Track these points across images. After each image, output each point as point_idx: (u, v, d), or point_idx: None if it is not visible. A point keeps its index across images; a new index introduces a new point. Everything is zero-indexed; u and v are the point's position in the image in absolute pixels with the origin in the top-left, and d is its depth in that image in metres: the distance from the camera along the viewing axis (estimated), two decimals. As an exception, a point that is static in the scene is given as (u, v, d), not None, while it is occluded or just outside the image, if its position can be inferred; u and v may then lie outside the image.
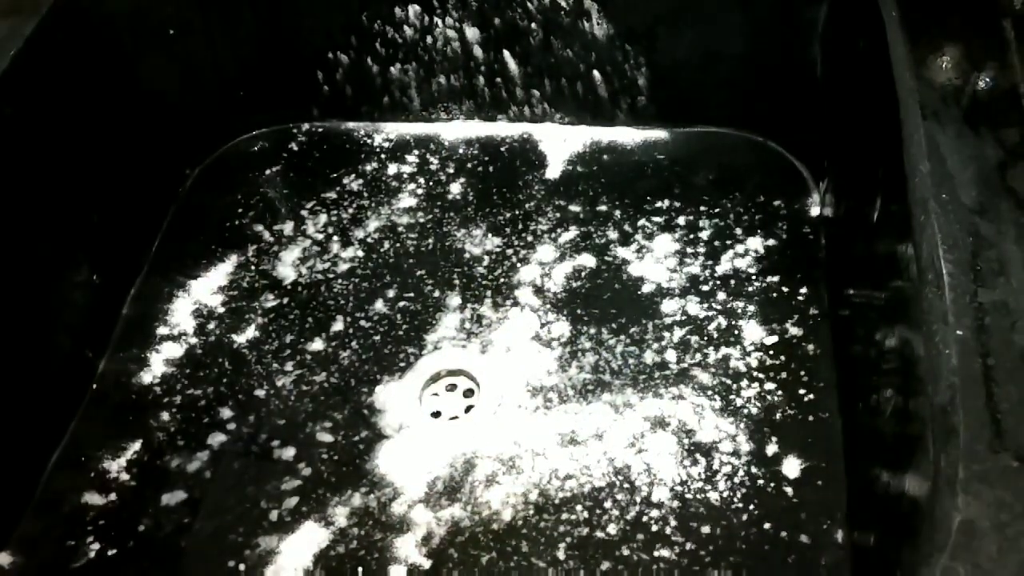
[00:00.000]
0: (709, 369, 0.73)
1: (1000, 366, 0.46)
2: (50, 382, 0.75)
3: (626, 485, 0.67)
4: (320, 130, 0.97)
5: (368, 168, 0.92)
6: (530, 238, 0.85)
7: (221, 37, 0.90)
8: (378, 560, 0.65)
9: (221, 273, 0.84)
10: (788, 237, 0.82)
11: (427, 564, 0.65)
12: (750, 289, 0.78)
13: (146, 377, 0.77)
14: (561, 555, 0.64)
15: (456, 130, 0.95)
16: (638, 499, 0.67)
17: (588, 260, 0.82)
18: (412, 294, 0.81)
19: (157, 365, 0.78)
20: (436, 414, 0.74)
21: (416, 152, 0.93)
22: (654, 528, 0.65)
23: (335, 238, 0.86)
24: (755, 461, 0.68)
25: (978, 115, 0.57)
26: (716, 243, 0.82)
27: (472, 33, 0.89)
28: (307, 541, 0.66)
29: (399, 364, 0.76)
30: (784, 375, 0.73)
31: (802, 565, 0.63)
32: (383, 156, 0.93)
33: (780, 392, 0.72)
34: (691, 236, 0.83)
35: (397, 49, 0.90)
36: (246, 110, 0.95)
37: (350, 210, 0.89)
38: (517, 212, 0.87)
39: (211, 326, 0.80)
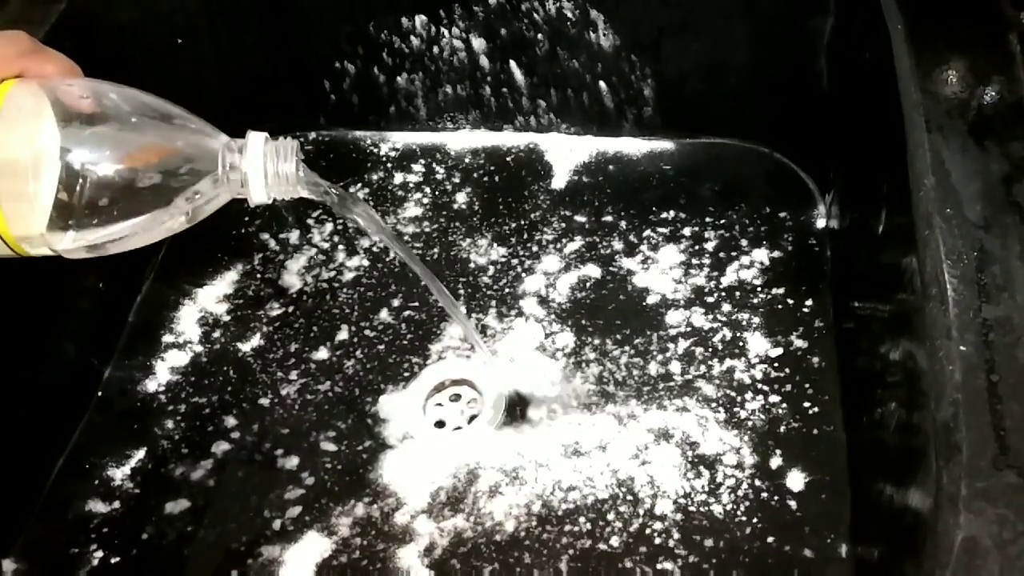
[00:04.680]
0: (713, 381, 0.73)
1: (1004, 382, 0.46)
2: (55, 389, 0.75)
3: (629, 497, 0.67)
4: (326, 139, 0.97)
5: (374, 177, 0.93)
6: (535, 248, 0.85)
7: (228, 46, 0.90)
8: (380, 570, 0.65)
9: (227, 281, 0.85)
10: (793, 249, 0.82)
11: (429, 575, 0.65)
12: (755, 301, 0.78)
13: (151, 385, 0.77)
14: (563, 567, 0.64)
15: (462, 139, 0.95)
16: (641, 511, 0.66)
17: (593, 271, 0.82)
18: (417, 304, 0.81)
19: (162, 373, 0.78)
20: (440, 424, 0.74)
21: (422, 161, 0.94)
22: (657, 540, 0.65)
23: (340, 247, 0.86)
24: (759, 474, 0.68)
25: (983, 129, 0.57)
26: (721, 254, 0.82)
27: (479, 43, 0.89)
28: (310, 550, 0.66)
29: (403, 374, 0.76)
30: (789, 388, 0.72)
31: (805, 579, 0.63)
32: (389, 165, 0.94)
33: (784, 405, 0.71)
34: (696, 247, 0.83)
35: (404, 59, 0.91)
36: (253, 118, 0.94)
37: (356, 219, 0.89)
38: (522, 222, 0.87)
39: (216, 334, 0.81)
